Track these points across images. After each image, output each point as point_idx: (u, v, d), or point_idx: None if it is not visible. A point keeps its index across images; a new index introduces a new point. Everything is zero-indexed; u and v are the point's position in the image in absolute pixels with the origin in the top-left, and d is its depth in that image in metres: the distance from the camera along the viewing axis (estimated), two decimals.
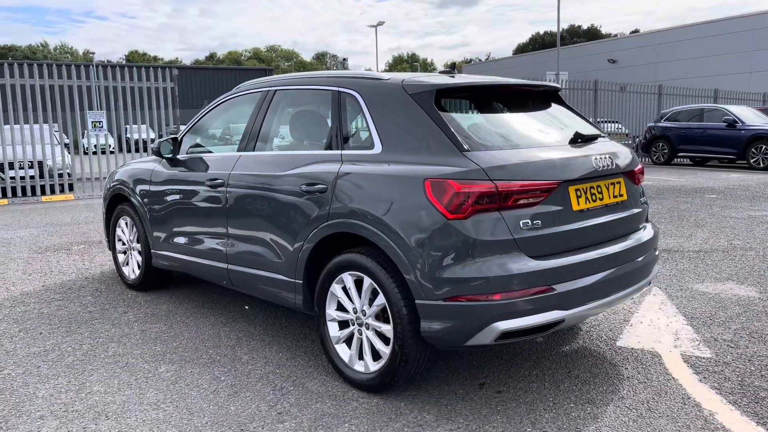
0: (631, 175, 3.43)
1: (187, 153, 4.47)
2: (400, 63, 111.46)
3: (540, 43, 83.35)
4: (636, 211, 3.42)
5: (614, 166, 3.23)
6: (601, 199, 3.15)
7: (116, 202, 5.23)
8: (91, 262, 6.22)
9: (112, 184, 5.22)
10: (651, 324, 4.12)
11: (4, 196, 11.93)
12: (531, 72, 21.97)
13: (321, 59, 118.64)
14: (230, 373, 3.45)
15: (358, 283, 3.15)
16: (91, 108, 12.51)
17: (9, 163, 12.07)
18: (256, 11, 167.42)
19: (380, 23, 45.36)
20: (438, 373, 3.39)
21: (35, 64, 12.08)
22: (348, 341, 3.27)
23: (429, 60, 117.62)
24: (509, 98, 3.57)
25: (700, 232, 7.34)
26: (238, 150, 4.01)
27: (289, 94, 3.85)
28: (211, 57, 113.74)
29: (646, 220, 3.64)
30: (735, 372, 3.35)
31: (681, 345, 3.74)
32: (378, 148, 3.15)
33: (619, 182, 3.30)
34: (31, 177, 12.23)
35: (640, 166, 3.55)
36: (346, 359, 3.24)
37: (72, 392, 3.23)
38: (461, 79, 3.37)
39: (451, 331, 2.79)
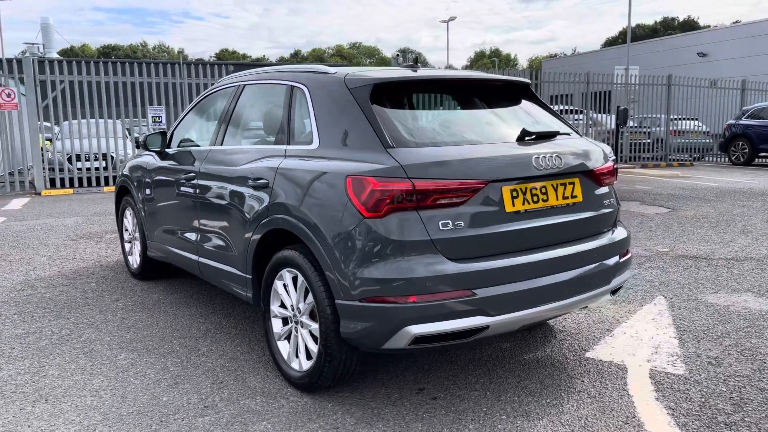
0: (591, 175, 3.20)
1: (176, 147, 4.58)
2: (481, 58, 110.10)
3: (632, 36, 79.80)
4: (594, 213, 3.19)
5: (564, 166, 3.03)
6: (546, 201, 2.96)
7: (123, 194, 5.44)
8: (114, 251, 6.50)
9: (119, 176, 5.43)
10: (634, 335, 3.85)
11: (71, 185, 12.69)
12: (607, 66, 21.02)
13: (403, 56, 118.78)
14: (181, 364, 3.50)
15: (296, 281, 3.12)
16: (151, 103, 13.08)
17: (77, 155, 12.82)
18: (342, 9, 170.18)
19: (452, 18, 44.92)
20: (382, 375, 3.31)
21: (101, 62, 12.75)
22: (288, 338, 3.25)
23: (513, 55, 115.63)
24: (468, 93, 3.42)
25: (742, 239, 6.80)
26: (210, 144, 4.07)
27: (253, 89, 3.86)
28: (296, 54, 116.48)
29: (615, 224, 3.39)
30: (701, 392, 3.07)
31: (656, 359, 3.47)
32: (315, 143, 3.10)
33: (572, 183, 3.09)
34: (97, 169, 12.93)
35: (606, 166, 3.31)
36: (285, 356, 3.22)
37: (29, 374, 3.38)
38: (420, 72, 3.26)
39: (368, 333, 2.71)
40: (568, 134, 3.35)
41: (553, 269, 2.91)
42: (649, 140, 18.36)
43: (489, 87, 3.49)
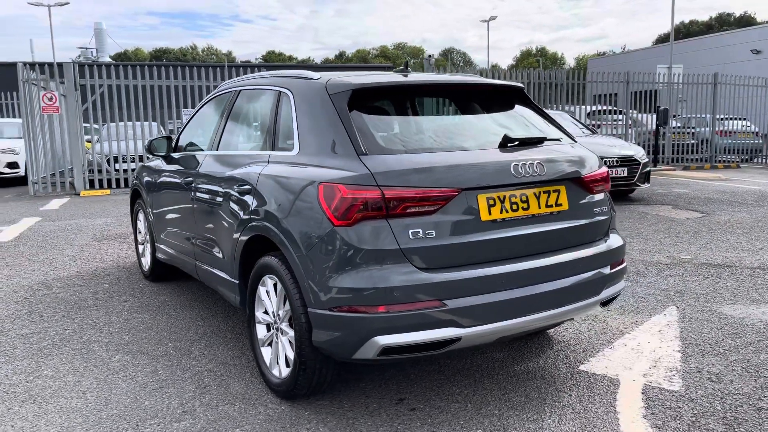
0: (580, 183, 3.09)
1: (181, 151, 4.64)
2: (527, 57, 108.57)
3: (684, 32, 77.41)
4: (582, 222, 3.07)
5: (547, 173, 2.92)
6: (526, 209, 2.87)
7: (136, 197, 5.55)
8: (134, 252, 6.64)
9: (133, 179, 5.54)
10: (635, 348, 3.71)
11: (109, 186, 13.05)
12: (654, 65, 20.42)
13: (447, 55, 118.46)
14: (171, 367, 3.54)
15: (276, 287, 3.11)
16: (186, 106, 13.35)
17: (114, 156, 13.18)
18: (388, 10, 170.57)
19: (492, 17, 44.43)
20: (365, 384, 3.27)
21: (138, 66, 13.08)
22: (271, 344, 3.24)
23: (559, 54, 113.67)
24: (456, 98, 3.35)
25: None
26: (207, 149, 4.10)
27: (247, 95, 3.87)
28: (341, 56, 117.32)
29: (608, 233, 3.26)
30: (693, 410, 2.92)
31: (652, 374, 3.33)
32: (296, 149, 3.08)
33: (557, 190, 2.98)
34: (134, 170, 13.26)
35: (597, 173, 3.19)
36: (267, 362, 3.22)
37: (24, 374, 3.47)
38: (409, 78, 3.20)
39: (338, 343, 2.68)
40: (558, 140, 3.25)
41: (533, 280, 2.82)
42: (693, 141, 17.75)
43: (480, 92, 3.41)
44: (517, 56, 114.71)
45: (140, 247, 5.61)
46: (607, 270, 3.11)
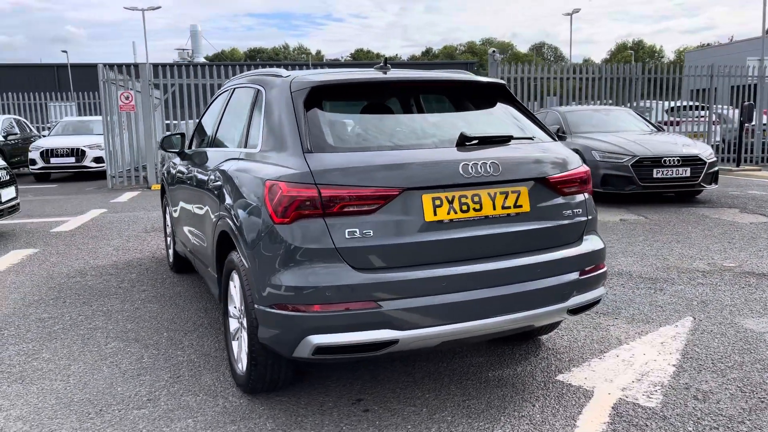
0: (546, 184, 2.94)
1: (192, 148, 4.80)
2: (623, 50, 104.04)
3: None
4: (548, 225, 2.92)
5: (504, 173, 2.80)
6: (478, 210, 2.76)
7: (163, 192, 5.80)
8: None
9: (160, 175, 5.79)
10: (627, 359, 3.49)
11: None
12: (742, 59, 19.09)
13: (538, 50, 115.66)
14: (156, 356, 3.67)
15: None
16: None
17: None
18: (478, 5, 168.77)
19: (576, 10, 42.89)
20: (331, 382, 3.26)
21: (206, 66, 13.62)
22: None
23: (658, 47, 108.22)
24: (428, 95, 3.27)
25: None
26: (204, 146, 4.23)
27: (238, 92, 3.95)
28: (427, 52, 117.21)
29: (581, 237, 3.08)
30: (660, 430, 2.72)
31: (633, 388, 3.12)
32: (259, 146, 3.12)
33: (517, 191, 2.85)
34: None
35: (568, 174, 3.01)
36: (235, 356, 3.28)
37: (24, 356, 3.71)
38: (373, 75, 3.16)
39: (277, 341, 2.69)
40: (529, 139, 3.10)
41: (483, 283, 2.71)
42: None
43: (456, 89, 3.31)
44: (611, 50, 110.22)
45: (169, 240, 5.86)
46: (575, 276, 2.94)
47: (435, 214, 2.68)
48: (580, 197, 3.07)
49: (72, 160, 15.27)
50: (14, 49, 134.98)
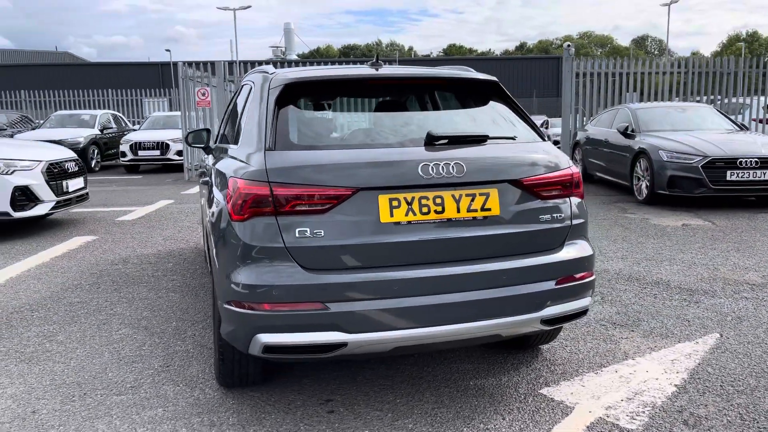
0: (521, 186, 2.77)
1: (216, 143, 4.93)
2: (736, 41, 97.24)
3: None
4: (522, 230, 2.76)
5: (469, 174, 2.67)
6: (440, 212, 2.65)
7: None
8: None
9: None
10: (625, 376, 3.25)
11: None
12: None
13: (640, 44, 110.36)
14: (157, 345, 3.81)
15: None
16: None
17: None
18: None
19: (674, 0, 40.36)
20: (309, 381, 3.25)
21: (292, 63, 13.95)
22: None
23: None
24: (412, 92, 3.18)
25: None
26: (219, 142, 4.32)
27: (244, 89, 4.00)
28: (521, 47, 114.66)
29: (562, 243, 2.88)
30: None
31: (618, 407, 2.91)
32: (239, 142, 3.14)
33: (486, 194, 2.71)
34: None
35: (549, 176, 2.83)
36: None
37: (42, 338, 3.95)
38: (353, 72, 3.12)
39: (234, 337, 2.71)
40: (511, 138, 2.94)
41: (442, 289, 2.61)
42: None
43: (441, 86, 3.20)
44: (722, 42, 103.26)
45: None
46: (551, 284, 2.77)
47: (391, 215, 2.60)
48: (562, 201, 2.89)
49: (157, 152, 16.11)
50: (130, 49, 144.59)
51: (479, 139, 2.84)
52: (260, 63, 13.92)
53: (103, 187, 12.51)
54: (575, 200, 2.95)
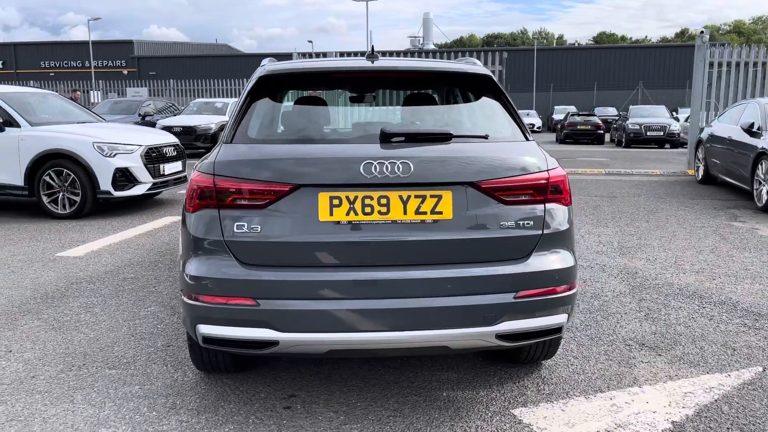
0: (480, 189, 2.55)
1: None
2: None
3: None
4: (479, 236, 2.54)
5: (415, 174, 2.50)
6: (385, 213, 2.51)
7: None
8: None
9: None
10: (620, 405, 2.91)
11: None
12: None
13: None
14: (172, 324, 4.00)
15: None
16: None
17: None
18: None
19: None
20: (285, 374, 3.25)
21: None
22: None
23: None
24: (399, 86, 3.03)
25: None
26: None
27: None
28: (682, 33, 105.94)
29: (529, 253, 2.61)
30: None
31: None
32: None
33: (438, 196, 2.52)
34: None
35: (513, 179, 2.58)
36: None
37: (82, 308, 4.30)
38: (382, 63, 3.00)
39: (186, 325, 2.78)
40: (482, 137, 2.72)
41: (381, 294, 2.48)
42: None
43: (428, 80, 3.03)
44: None
45: None
46: (507, 297, 2.53)
47: (331, 214, 2.51)
48: (531, 207, 2.62)
49: None
50: (285, 40, 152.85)
51: (441, 137, 2.65)
52: (397, 53, 14.07)
53: None
54: (553, 207, 2.67)
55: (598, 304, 4.37)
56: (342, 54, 14.84)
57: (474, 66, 3.07)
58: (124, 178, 7.66)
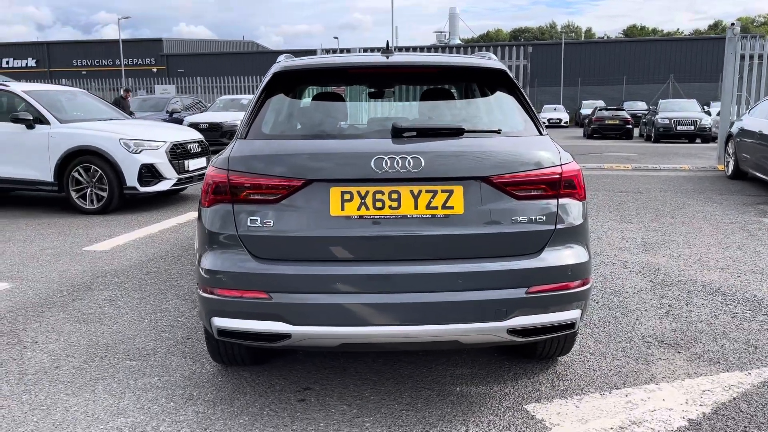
0: (491, 184, 2.55)
1: None
2: None
3: None
4: (490, 231, 2.54)
5: (426, 169, 2.50)
6: (396, 208, 2.52)
7: None
8: None
9: None
10: (635, 402, 2.88)
11: None
12: None
13: None
14: (192, 318, 4.07)
15: None
16: None
17: None
18: None
19: None
20: (303, 366, 3.29)
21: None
22: None
23: None
24: (412, 81, 3.04)
25: None
26: None
27: None
28: (715, 26, 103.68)
29: (542, 248, 2.60)
30: None
31: None
32: None
33: (449, 191, 2.52)
34: None
35: (525, 174, 2.56)
36: None
37: (107, 301, 4.40)
38: (396, 58, 3.01)
39: (202, 318, 2.82)
40: (495, 132, 2.71)
41: (392, 288, 2.50)
42: None
43: (441, 75, 3.02)
44: None
45: None
46: (519, 292, 2.53)
47: (342, 209, 2.53)
48: (544, 202, 2.61)
49: None
50: (311, 36, 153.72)
51: (453, 132, 2.65)
52: (420, 49, 14.07)
53: None
54: (566, 201, 2.65)
55: (618, 300, 4.32)
56: (362, 50, 14.86)
57: (488, 60, 3.06)
58: (149, 174, 7.79)
